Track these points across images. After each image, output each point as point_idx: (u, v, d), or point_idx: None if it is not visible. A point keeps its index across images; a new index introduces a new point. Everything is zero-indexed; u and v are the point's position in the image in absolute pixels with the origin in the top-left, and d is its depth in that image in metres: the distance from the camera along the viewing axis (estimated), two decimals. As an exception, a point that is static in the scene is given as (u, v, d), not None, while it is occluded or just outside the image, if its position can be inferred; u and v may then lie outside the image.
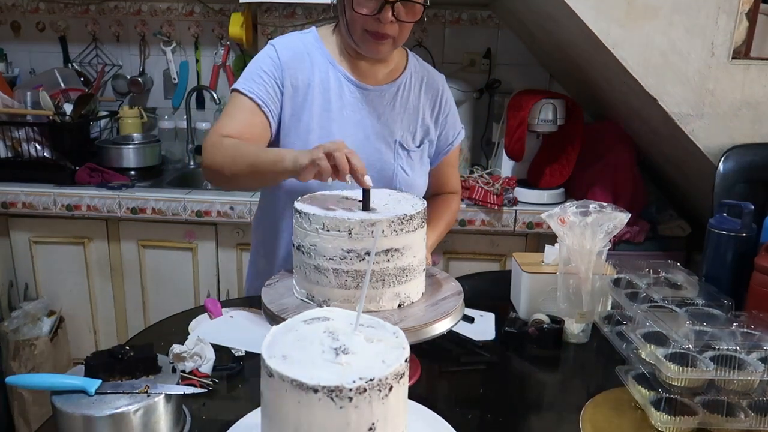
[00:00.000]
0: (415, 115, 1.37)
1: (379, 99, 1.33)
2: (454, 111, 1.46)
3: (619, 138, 2.23)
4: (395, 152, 1.34)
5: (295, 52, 1.29)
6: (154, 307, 2.32)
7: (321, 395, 0.64)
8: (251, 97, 1.25)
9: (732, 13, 1.70)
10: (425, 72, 1.41)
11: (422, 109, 1.38)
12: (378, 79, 1.34)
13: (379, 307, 0.99)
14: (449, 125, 1.44)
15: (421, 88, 1.38)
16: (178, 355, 1.04)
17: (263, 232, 1.43)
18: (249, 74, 1.28)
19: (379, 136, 1.33)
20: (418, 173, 1.38)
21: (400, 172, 1.34)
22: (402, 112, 1.35)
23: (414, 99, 1.37)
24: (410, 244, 0.99)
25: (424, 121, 1.39)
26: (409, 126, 1.36)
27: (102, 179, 2.28)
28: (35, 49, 2.73)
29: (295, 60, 1.29)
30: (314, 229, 0.97)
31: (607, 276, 1.24)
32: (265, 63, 1.28)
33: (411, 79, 1.37)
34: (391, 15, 1.17)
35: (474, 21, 2.57)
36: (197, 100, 2.75)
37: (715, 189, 1.74)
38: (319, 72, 1.30)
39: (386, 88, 1.34)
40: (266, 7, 2.53)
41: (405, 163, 1.35)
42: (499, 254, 2.23)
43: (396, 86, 1.35)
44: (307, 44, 1.31)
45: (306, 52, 1.31)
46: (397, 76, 1.36)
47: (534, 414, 1.07)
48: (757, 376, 0.92)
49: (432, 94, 1.40)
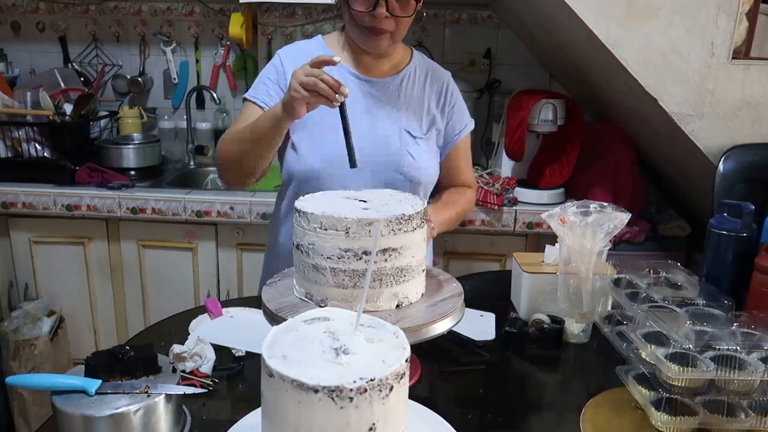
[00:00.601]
0: (420, 104, 1.41)
1: (384, 90, 1.39)
2: (461, 103, 1.50)
3: (619, 138, 2.23)
4: (401, 138, 1.37)
5: (297, 56, 1.36)
6: (154, 307, 2.31)
7: (321, 395, 0.64)
8: (254, 101, 1.36)
9: (732, 13, 1.70)
10: (430, 67, 1.46)
11: (427, 100, 1.42)
12: (382, 71, 1.40)
13: (376, 307, 0.99)
14: (456, 116, 1.47)
15: (426, 81, 1.43)
16: (178, 355, 1.04)
17: (275, 232, 1.48)
18: (256, 84, 1.40)
19: (385, 124, 1.37)
20: (425, 158, 1.41)
21: (407, 156, 1.37)
22: (407, 103, 1.40)
23: (419, 90, 1.42)
24: (408, 244, 0.99)
25: (430, 111, 1.43)
26: (415, 114, 1.41)
27: (102, 179, 2.28)
28: (35, 49, 2.73)
29: (298, 63, 1.32)
30: (312, 228, 0.97)
31: (608, 276, 1.24)
32: (269, 71, 1.39)
33: (415, 72, 1.43)
34: (385, 11, 1.24)
35: (474, 21, 2.57)
36: (197, 100, 2.75)
37: (715, 189, 1.74)
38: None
39: (390, 80, 1.40)
40: (266, 7, 2.53)
41: (411, 149, 1.38)
42: (499, 254, 2.23)
43: (400, 78, 1.40)
44: (312, 48, 1.39)
45: (310, 54, 1.33)
46: (401, 69, 1.41)
47: (534, 414, 1.07)
48: (757, 376, 0.92)
49: (437, 87, 1.44)
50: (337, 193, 1.10)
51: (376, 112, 1.37)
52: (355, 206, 1.02)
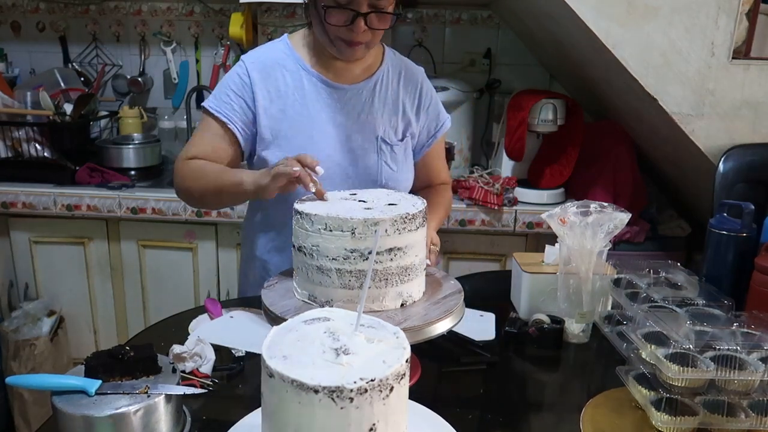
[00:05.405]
0: (395, 108, 1.37)
1: (357, 97, 1.33)
2: (436, 102, 1.44)
3: (619, 138, 2.23)
4: (378, 148, 1.34)
5: (265, 65, 1.30)
6: (154, 307, 2.31)
7: (322, 396, 0.64)
8: (217, 116, 1.29)
9: (732, 13, 1.70)
10: (402, 66, 1.40)
11: (402, 103, 1.37)
12: (354, 75, 1.33)
13: (382, 306, 0.99)
14: (431, 117, 1.42)
15: (399, 82, 1.38)
16: (178, 355, 1.04)
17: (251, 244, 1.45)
18: (218, 92, 1.31)
19: (360, 134, 1.33)
20: (402, 168, 1.38)
21: (385, 168, 1.34)
22: (382, 107, 1.35)
23: (393, 93, 1.37)
24: (412, 243, 1.00)
25: (405, 114, 1.38)
26: (390, 120, 1.36)
27: (102, 179, 2.28)
28: (35, 49, 2.73)
29: (266, 73, 1.29)
30: (316, 230, 0.97)
31: (608, 276, 1.24)
32: (234, 82, 1.30)
33: (388, 73, 1.37)
34: (363, 25, 1.18)
35: (474, 21, 2.57)
36: (197, 100, 2.74)
37: (715, 189, 1.74)
38: (292, 80, 1.30)
39: (363, 85, 1.34)
40: (266, 7, 2.53)
41: (389, 159, 1.35)
42: (499, 254, 2.23)
43: (372, 82, 1.35)
44: (278, 54, 1.32)
45: (277, 62, 1.31)
46: (374, 72, 1.35)
47: (534, 414, 1.06)
48: (757, 376, 0.92)
49: (411, 87, 1.39)
50: (332, 194, 1.10)
51: (350, 124, 1.32)
52: (357, 206, 1.02)
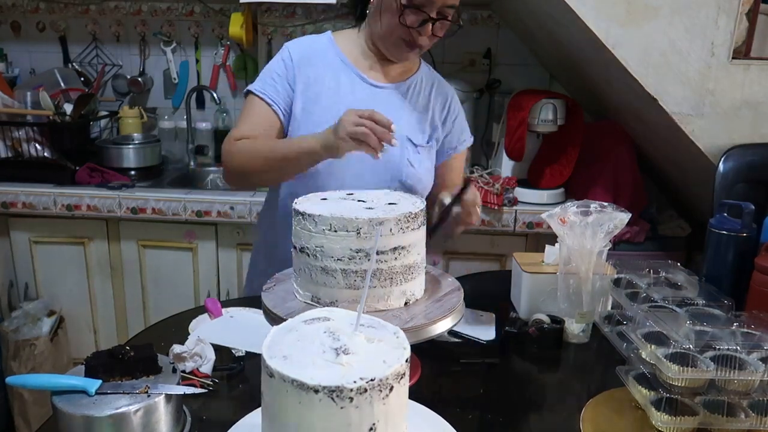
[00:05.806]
0: (425, 112, 1.42)
1: (390, 96, 1.38)
2: (462, 118, 1.49)
3: (619, 138, 2.22)
4: (403, 146, 1.36)
5: (307, 51, 1.36)
6: (154, 307, 2.31)
7: (322, 395, 0.64)
8: (262, 97, 1.34)
9: (732, 13, 1.70)
10: (436, 78, 1.47)
11: (432, 109, 1.43)
12: (392, 76, 1.39)
13: (387, 305, 1.00)
14: (456, 129, 1.47)
15: (432, 90, 1.44)
16: (178, 355, 1.04)
17: (265, 232, 1.46)
18: (263, 76, 1.36)
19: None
20: (424, 168, 1.41)
21: (407, 166, 1.36)
22: (412, 110, 1.40)
23: (424, 98, 1.42)
24: (415, 242, 1.00)
25: (434, 120, 1.43)
26: (418, 123, 1.40)
27: (102, 179, 2.28)
28: (35, 49, 2.73)
29: (307, 58, 1.35)
30: (321, 231, 0.96)
31: (608, 276, 1.24)
32: (277, 65, 1.36)
33: (422, 81, 1.43)
34: (430, 30, 1.26)
35: (474, 21, 2.57)
36: (197, 100, 2.75)
37: (715, 189, 1.74)
38: (331, 71, 1.35)
39: (398, 86, 1.39)
40: (266, 7, 2.53)
41: (412, 157, 1.37)
42: (499, 254, 2.23)
43: (407, 85, 1.40)
44: (321, 45, 1.39)
45: (318, 51, 1.37)
46: (409, 76, 1.41)
47: (534, 414, 1.06)
48: (757, 376, 0.92)
49: (441, 99, 1.45)
50: (330, 194, 1.10)
51: None
52: (358, 206, 1.02)
